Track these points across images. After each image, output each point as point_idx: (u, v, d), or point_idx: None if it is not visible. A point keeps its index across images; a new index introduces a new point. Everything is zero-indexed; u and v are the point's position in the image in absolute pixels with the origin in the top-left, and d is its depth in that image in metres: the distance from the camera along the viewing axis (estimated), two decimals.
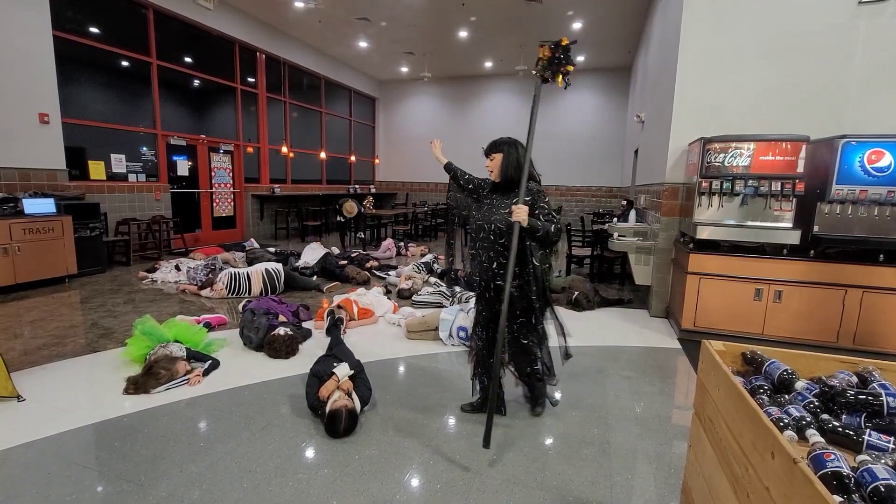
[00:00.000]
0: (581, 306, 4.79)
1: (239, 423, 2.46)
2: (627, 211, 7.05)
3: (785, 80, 4.07)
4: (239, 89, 9.23)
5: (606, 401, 2.84)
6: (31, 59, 5.68)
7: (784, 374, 1.44)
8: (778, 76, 4.08)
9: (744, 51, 4.14)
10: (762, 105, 4.13)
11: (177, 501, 1.86)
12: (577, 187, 12.90)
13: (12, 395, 2.63)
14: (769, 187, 3.64)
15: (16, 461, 2.11)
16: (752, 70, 4.13)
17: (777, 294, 3.70)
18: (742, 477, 1.17)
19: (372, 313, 4.27)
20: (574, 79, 11.97)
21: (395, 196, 14.67)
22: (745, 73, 4.15)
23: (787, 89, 4.07)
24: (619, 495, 1.97)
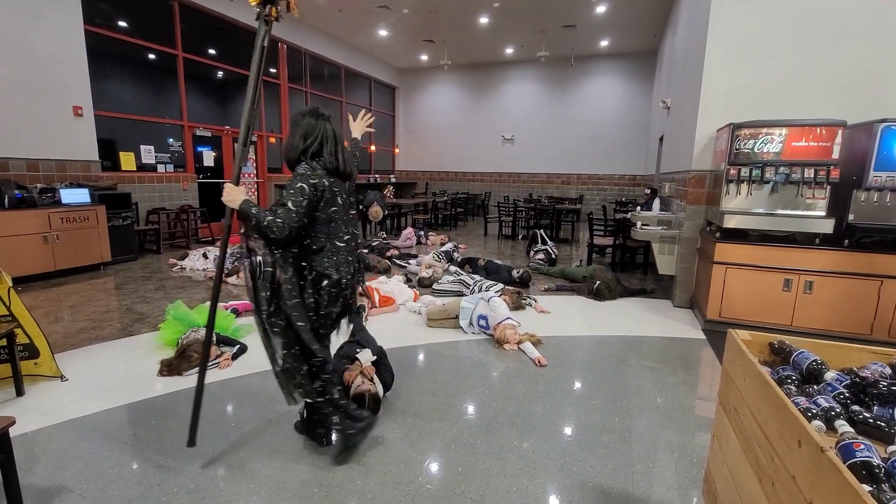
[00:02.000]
0: (603, 296, 4.75)
1: (266, 405, 2.55)
2: (651, 199, 6.92)
3: (820, 62, 3.89)
4: (261, 80, 9.33)
5: (628, 390, 2.83)
6: (65, 55, 5.87)
7: (813, 364, 1.41)
8: (813, 58, 3.91)
9: (776, 32, 3.97)
10: (795, 89, 3.97)
11: (210, 477, 1.95)
12: (600, 175, 12.68)
13: (56, 375, 2.78)
14: (801, 174, 3.52)
15: (62, 436, 2.25)
16: (785, 52, 3.96)
17: (808, 284, 3.59)
18: (767, 466, 1.17)
19: (393, 301, 4.33)
20: (597, 64, 11.79)
21: (415, 185, 14.70)
22: (778, 56, 3.98)
23: (822, 72, 3.90)
24: (640, 483, 1.97)
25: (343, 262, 1.97)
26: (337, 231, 1.96)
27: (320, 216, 1.90)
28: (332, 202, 1.93)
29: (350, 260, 2.02)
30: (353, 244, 2.06)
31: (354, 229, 2.11)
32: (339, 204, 1.97)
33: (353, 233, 2.08)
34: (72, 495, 1.84)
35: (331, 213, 1.93)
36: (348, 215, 2.04)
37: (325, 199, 1.89)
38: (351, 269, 2.02)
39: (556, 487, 1.94)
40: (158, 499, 1.82)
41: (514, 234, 9.18)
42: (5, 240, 4.77)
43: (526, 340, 3.39)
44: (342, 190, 2.00)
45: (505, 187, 13.67)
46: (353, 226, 2.08)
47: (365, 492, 1.88)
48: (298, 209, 1.81)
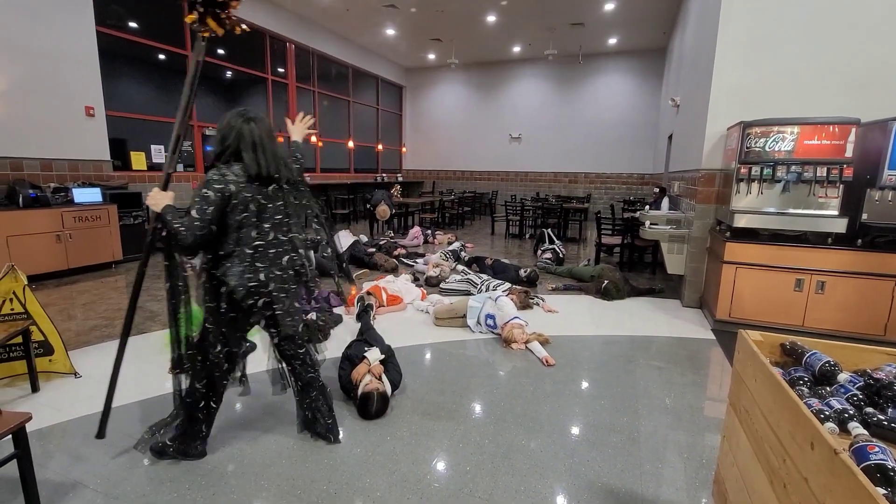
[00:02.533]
0: (610, 295, 4.73)
1: (275, 403, 2.57)
2: (660, 198, 6.87)
3: (833, 58, 3.84)
4: (269, 80, 9.41)
5: (636, 390, 2.81)
6: (77, 56, 5.94)
7: (826, 365, 1.40)
8: (825, 54, 3.85)
9: (788, 28, 3.92)
10: (807, 86, 3.92)
11: (221, 474, 1.97)
12: (608, 174, 12.61)
13: (70, 372, 2.83)
14: (814, 173, 3.47)
15: (76, 431, 2.28)
16: (797, 49, 3.91)
17: (819, 284, 3.55)
18: (779, 468, 1.16)
19: (401, 300, 4.34)
20: (605, 61, 11.73)
21: (422, 184, 14.71)
22: (790, 53, 3.93)
23: (835, 68, 3.84)
24: (648, 484, 1.96)
25: (251, 269, 1.87)
26: (247, 237, 1.87)
27: (229, 222, 1.85)
28: (242, 208, 1.85)
29: (262, 267, 1.89)
30: (272, 251, 1.93)
31: (283, 235, 1.98)
32: (253, 210, 1.88)
33: (278, 238, 1.96)
34: (86, 490, 1.87)
35: (240, 220, 1.86)
36: (274, 220, 1.94)
37: (232, 204, 1.83)
38: (263, 276, 1.89)
39: (564, 487, 1.93)
40: (171, 494, 1.85)
41: (521, 233, 9.16)
42: (20, 238, 4.85)
43: (534, 340, 3.39)
44: (261, 195, 1.90)
45: (512, 186, 13.64)
46: (281, 231, 1.97)
47: (373, 490, 1.89)
48: (203, 216, 1.77)
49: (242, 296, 1.87)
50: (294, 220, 2.05)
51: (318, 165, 11.14)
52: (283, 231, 2.00)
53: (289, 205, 2.02)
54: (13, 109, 5.33)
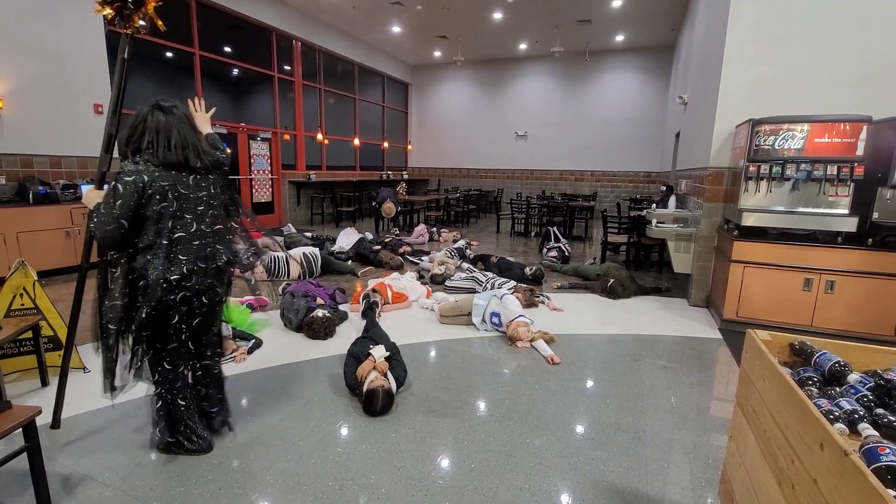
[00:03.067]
0: (616, 294, 4.70)
1: (281, 399, 2.59)
2: (667, 197, 6.82)
3: (844, 54, 3.79)
4: (276, 77, 9.43)
5: (641, 389, 2.80)
6: (86, 54, 5.99)
7: (836, 365, 1.38)
8: (836, 51, 3.80)
9: (799, 24, 3.87)
10: (817, 83, 3.87)
11: (227, 469, 1.99)
12: (614, 172, 12.54)
13: (79, 367, 2.86)
14: (824, 171, 3.43)
15: (85, 426, 2.31)
16: (808, 45, 3.86)
17: (829, 284, 3.51)
18: (787, 469, 1.15)
19: (406, 298, 4.35)
20: (612, 59, 11.67)
21: (428, 182, 14.71)
22: (800, 49, 3.89)
23: (846, 65, 3.79)
24: (654, 483, 1.95)
25: (174, 262, 1.82)
26: (166, 229, 1.82)
27: (148, 213, 1.79)
28: (159, 198, 1.80)
29: (184, 259, 1.84)
30: (196, 243, 1.88)
31: (207, 226, 1.93)
32: (172, 200, 1.83)
33: (202, 230, 1.91)
34: (94, 483, 1.89)
35: (159, 210, 1.80)
36: (197, 211, 1.90)
37: (147, 195, 1.78)
38: (186, 269, 1.84)
39: (568, 486, 1.93)
40: (177, 489, 1.86)
41: (526, 231, 9.14)
42: (30, 235, 4.90)
43: (539, 338, 3.38)
44: (180, 184, 1.86)
45: (518, 184, 13.61)
46: (205, 222, 1.92)
47: (378, 486, 1.89)
48: (111, 210, 1.73)
49: (164, 290, 1.80)
50: (220, 212, 2.02)
51: (324, 163, 11.17)
52: (207, 223, 1.94)
53: (214, 196, 1.98)
54: (24, 107, 5.38)
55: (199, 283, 1.90)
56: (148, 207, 1.79)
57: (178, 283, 1.83)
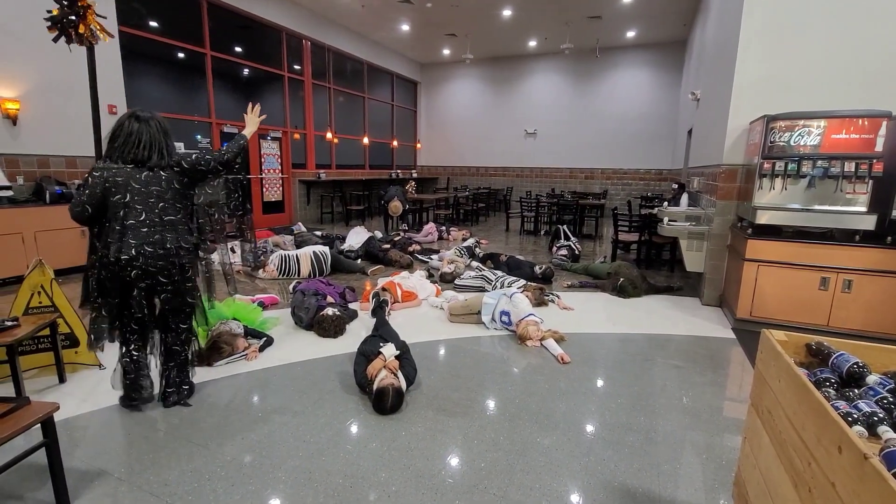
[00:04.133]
0: (627, 293, 4.66)
1: (293, 397, 2.61)
2: (679, 194, 6.74)
3: (862, 49, 3.70)
4: (286, 77, 9.49)
5: (653, 389, 2.78)
6: (100, 55, 6.04)
7: (854, 367, 1.36)
8: (854, 45, 3.72)
9: (814, 17, 3.79)
10: (835, 78, 3.79)
11: (239, 465, 2.01)
12: (625, 170, 12.42)
13: (95, 364, 2.91)
14: (841, 168, 3.37)
15: (101, 422, 2.35)
16: (825, 39, 3.78)
17: (846, 283, 3.44)
18: (804, 471, 1.13)
19: (415, 296, 4.35)
20: (623, 55, 11.61)
21: (437, 181, 14.71)
22: (816, 43, 3.81)
23: (864, 59, 3.70)
24: (665, 484, 1.94)
25: (125, 244, 2.15)
26: (117, 216, 2.17)
27: (110, 203, 2.18)
28: (115, 191, 2.17)
29: (133, 243, 2.16)
30: (144, 229, 2.19)
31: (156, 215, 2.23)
32: (125, 192, 2.18)
33: (155, 219, 2.22)
34: (111, 478, 1.92)
35: (115, 201, 2.17)
36: (148, 203, 2.22)
37: (105, 187, 2.16)
38: (133, 251, 2.15)
39: (579, 486, 1.92)
40: (191, 484, 1.89)
41: (536, 229, 9.10)
42: (47, 234, 5.00)
43: (549, 337, 3.37)
44: (133, 179, 2.20)
45: (527, 182, 13.54)
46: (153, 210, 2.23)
47: (388, 484, 1.90)
48: (79, 198, 2.17)
49: (119, 264, 2.16)
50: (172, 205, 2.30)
51: (334, 162, 11.22)
52: (157, 213, 2.24)
53: (165, 190, 2.27)
54: (40, 109, 5.48)
55: (148, 264, 2.20)
56: (109, 198, 2.18)
57: (128, 262, 2.16)
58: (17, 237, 4.81)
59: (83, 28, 2.43)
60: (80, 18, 2.39)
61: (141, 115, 2.28)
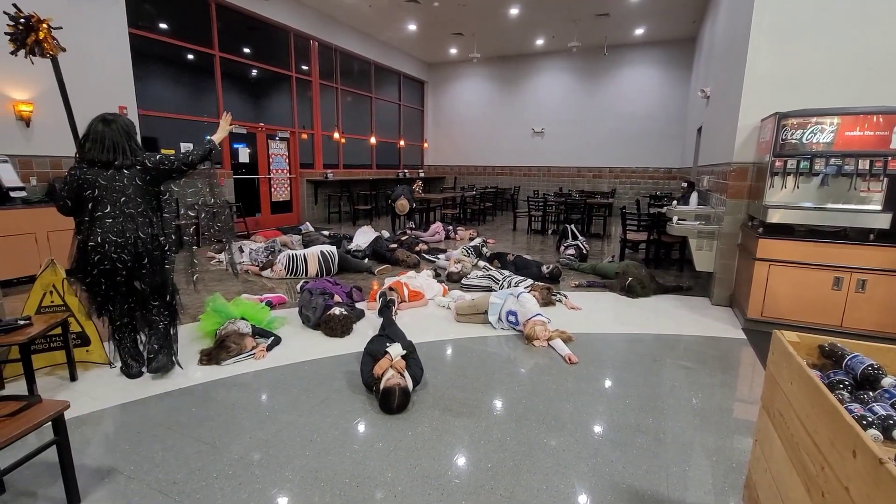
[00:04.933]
0: (635, 292, 4.62)
1: (300, 396, 2.62)
2: (688, 193, 6.66)
3: (876, 44, 3.63)
4: (294, 77, 9.54)
5: (662, 390, 2.75)
6: (111, 56, 6.15)
7: (869, 369, 1.33)
8: (867, 40, 3.64)
9: (827, 11, 3.72)
10: (848, 74, 3.72)
11: (246, 464, 2.02)
12: (633, 169, 12.32)
13: (105, 362, 2.94)
14: (855, 166, 3.31)
15: (111, 420, 2.38)
16: (837, 34, 3.71)
17: (860, 283, 3.38)
18: (817, 475, 1.11)
19: (422, 296, 4.35)
20: (631, 53, 11.55)
21: (444, 180, 14.71)
22: (828, 38, 3.74)
23: (878, 55, 3.63)
24: (674, 486, 1.91)
25: (92, 232, 2.49)
26: (94, 207, 2.50)
27: (82, 197, 2.50)
28: (86, 187, 2.49)
29: (100, 232, 2.49)
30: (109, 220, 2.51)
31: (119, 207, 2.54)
32: (94, 188, 2.49)
33: (114, 213, 2.52)
34: (120, 476, 1.94)
35: (87, 196, 2.49)
36: (111, 198, 2.52)
37: (79, 184, 2.49)
38: (100, 239, 2.49)
39: (587, 487, 1.90)
40: (199, 482, 1.90)
41: (543, 229, 9.06)
42: (59, 234, 5.07)
43: (556, 337, 3.35)
44: (100, 177, 2.51)
45: (535, 181, 13.49)
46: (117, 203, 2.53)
47: (395, 484, 1.90)
48: (59, 193, 2.55)
49: (87, 250, 2.50)
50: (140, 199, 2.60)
51: (341, 162, 11.26)
52: (119, 207, 2.54)
53: (128, 186, 2.57)
54: (52, 110, 5.56)
55: (111, 250, 2.51)
56: (81, 194, 2.50)
57: (95, 248, 2.49)
58: (31, 237, 4.89)
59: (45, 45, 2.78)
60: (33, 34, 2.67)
61: (107, 118, 2.58)
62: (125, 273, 2.58)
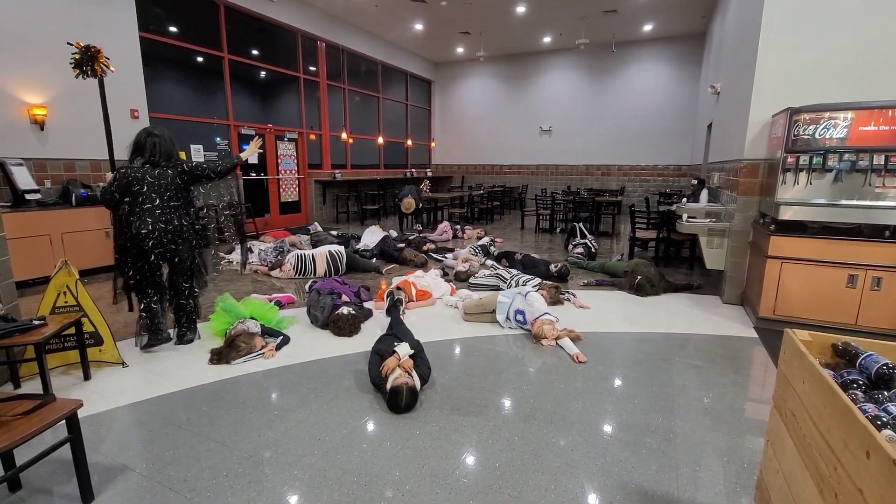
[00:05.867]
0: (644, 291, 4.59)
1: (308, 395, 2.63)
2: (698, 190, 6.58)
3: (890, 37, 3.55)
4: (302, 78, 9.59)
5: (672, 390, 2.72)
6: (122, 60, 6.23)
7: (883, 368, 1.30)
8: (881, 33, 3.57)
9: (840, 3, 3.65)
10: (862, 68, 3.65)
11: (256, 462, 2.04)
12: (642, 166, 12.22)
13: (118, 362, 2.99)
14: (870, 161, 3.24)
15: (124, 419, 2.41)
16: (851, 27, 3.64)
17: (875, 281, 3.32)
18: (830, 476, 1.09)
19: (430, 295, 4.35)
20: (640, 49, 11.50)
21: (451, 179, 14.70)
22: (842, 31, 3.67)
23: (894, 47, 3.55)
24: (685, 487, 1.89)
25: (143, 222, 2.98)
26: (137, 200, 3.00)
27: (132, 192, 3.00)
28: (136, 184, 3.00)
29: (151, 221, 3.00)
30: (158, 211, 3.03)
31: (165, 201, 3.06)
32: (143, 183, 3.01)
33: (163, 205, 3.05)
34: (133, 474, 1.97)
35: (136, 191, 3.00)
36: (158, 191, 3.04)
37: (128, 180, 2.99)
38: (150, 227, 2.99)
39: (595, 487, 1.89)
40: (210, 480, 1.92)
41: (551, 227, 9.02)
42: (73, 235, 5.16)
43: (564, 336, 3.33)
44: (150, 176, 3.03)
45: (542, 180, 13.43)
46: (163, 197, 3.06)
47: (402, 483, 1.90)
48: (108, 189, 3.01)
49: (137, 238, 2.99)
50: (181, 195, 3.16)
51: (349, 162, 11.31)
52: (165, 200, 3.07)
53: (170, 184, 3.09)
54: (66, 114, 5.66)
55: (160, 236, 3.03)
56: (130, 189, 3.00)
57: (146, 235, 2.99)
58: (45, 238, 4.97)
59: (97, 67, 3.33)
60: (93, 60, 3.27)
61: (153, 132, 3.14)
62: (169, 255, 3.12)
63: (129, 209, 3.00)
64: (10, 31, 5.13)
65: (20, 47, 5.24)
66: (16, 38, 5.19)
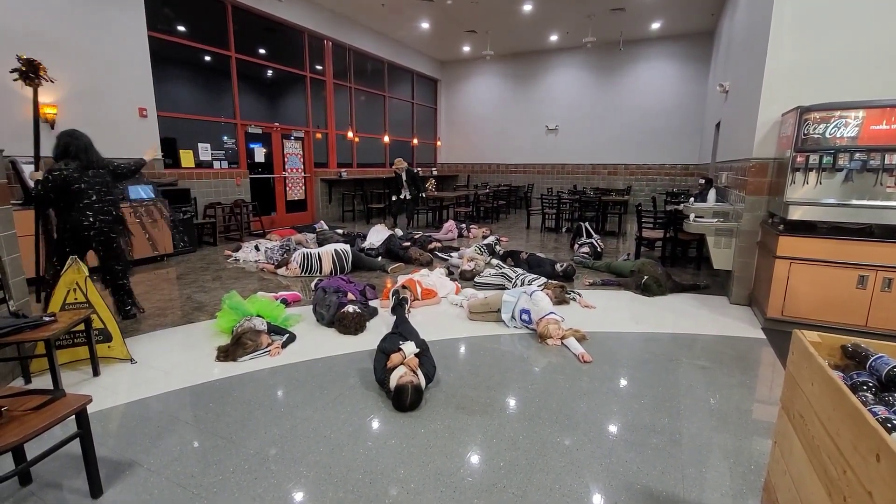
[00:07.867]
0: (651, 291, 4.56)
1: (314, 393, 2.65)
2: (706, 190, 6.53)
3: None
4: (308, 77, 9.62)
5: (678, 390, 2.70)
6: (131, 59, 6.29)
7: (894, 370, 1.28)
8: (893, 30, 3.52)
9: (851, 1, 3.60)
10: (873, 66, 3.60)
11: (262, 459, 2.05)
12: (649, 165, 12.14)
13: (127, 358, 3.02)
14: (881, 161, 3.20)
15: (132, 415, 2.44)
16: (861, 24, 3.59)
17: (886, 282, 3.28)
18: (838, 479, 1.08)
19: (435, 294, 4.36)
20: (647, 47, 11.45)
21: (457, 178, 14.68)
22: (852, 29, 3.62)
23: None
24: (690, 488, 1.88)
25: (84, 215, 3.37)
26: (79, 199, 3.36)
27: (71, 191, 3.32)
28: (74, 182, 3.32)
29: (90, 214, 3.40)
30: (97, 205, 3.44)
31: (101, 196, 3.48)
32: (81, 182, 3.36)
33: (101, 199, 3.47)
34: (140, 469, 1.99)
35: (75, 189, 3.33)
36: (95, 189, 3.44)
37: (63, 181, 3.28)
38: (91, 219, 3.40)
39: (600, 487, 1.89)
40: (216, 476, 1.94)
41: (557, 226, 8.99)
42: None
43: (570, 336, 3.32)
44: (86, 176, 3.40)
45: (548, 179, 13.39)
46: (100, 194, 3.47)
47: (407, 481, 1.91)
48: (42, 189, 3.26)
49: (80, 229, 3.38)
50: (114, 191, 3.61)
51: (355, 160, 11.33)
52: (102, 195, 3.48)
53: (105, 184, 3.53)
54: (75, 112, 5.71)
55: (101, 226, 3.47)
56: (70, 188, 3.32)
57: (88, 226, 3.41)
58: None
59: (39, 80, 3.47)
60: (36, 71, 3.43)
61: (75, 134, 3.47)
62: (106, 243, 3.53)
63: (66, 206, 3.33)
64: (23, 31, 5.19)
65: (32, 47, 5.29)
66: (28, 38, 5.25)
